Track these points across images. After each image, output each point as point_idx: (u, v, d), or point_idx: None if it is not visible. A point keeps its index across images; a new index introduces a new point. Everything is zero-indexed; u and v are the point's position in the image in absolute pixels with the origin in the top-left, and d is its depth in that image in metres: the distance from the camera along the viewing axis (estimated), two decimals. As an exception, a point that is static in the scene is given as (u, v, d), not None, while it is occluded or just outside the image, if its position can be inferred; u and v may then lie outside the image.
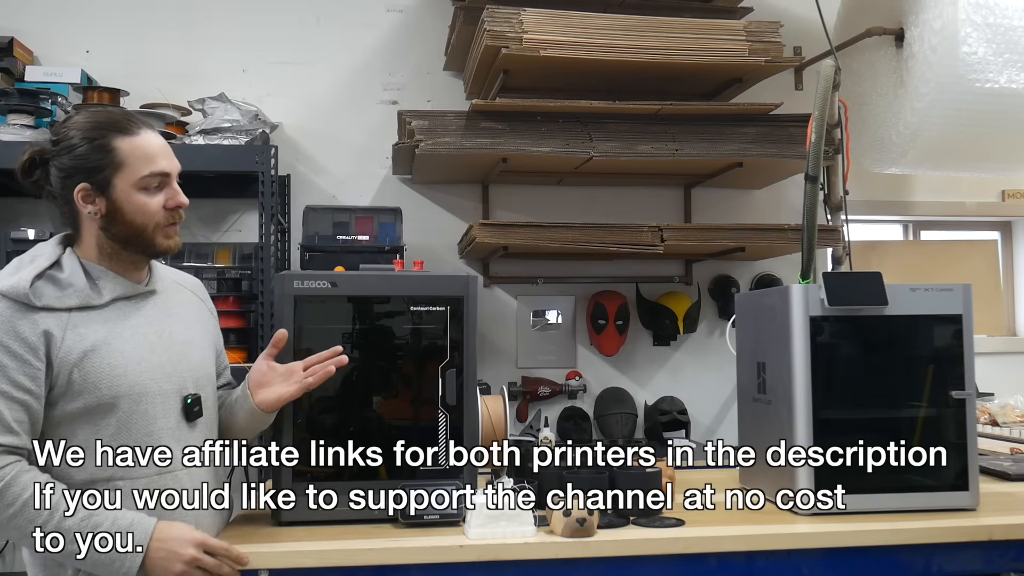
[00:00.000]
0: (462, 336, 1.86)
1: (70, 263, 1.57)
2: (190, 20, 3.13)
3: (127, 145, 1.57)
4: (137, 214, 1.58)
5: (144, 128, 1.60)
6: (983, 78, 2.69)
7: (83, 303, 1.55)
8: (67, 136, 1.57)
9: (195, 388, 1.66)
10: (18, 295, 1.50)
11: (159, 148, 1.61)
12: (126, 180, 1.56)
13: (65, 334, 1.51)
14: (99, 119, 1.59)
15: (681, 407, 3.19)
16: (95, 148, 1.56)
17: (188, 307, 1.76)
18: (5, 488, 1.44)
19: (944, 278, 3.40)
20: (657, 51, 2.68)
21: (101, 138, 1.56)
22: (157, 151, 1.60)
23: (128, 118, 1.61)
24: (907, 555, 1.75)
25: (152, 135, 1.61)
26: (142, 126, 1.60)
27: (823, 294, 1.85)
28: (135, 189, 1.57)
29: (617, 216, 3.21)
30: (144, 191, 1.58)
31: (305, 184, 3.16)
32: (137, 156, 1.57)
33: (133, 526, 1.48)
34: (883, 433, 1.84)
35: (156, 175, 1.58)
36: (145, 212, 1.58)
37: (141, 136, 1.59)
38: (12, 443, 1.47)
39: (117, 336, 1.56)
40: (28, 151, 1.59)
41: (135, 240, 1.59)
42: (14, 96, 2.70)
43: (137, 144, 1.58)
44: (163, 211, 1.60)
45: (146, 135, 1.60)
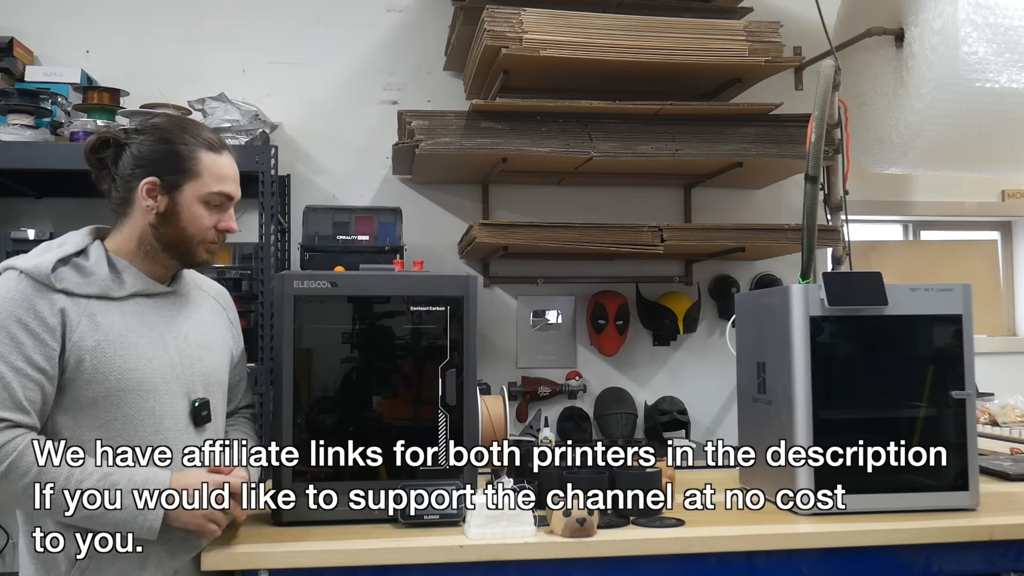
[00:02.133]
0: (462, 336, 1.86)
1: (96, 253, 1.61)
2: (190, 20, 3.13)
3: (208, 159, 1.64)
4: (191, 223, 1.64)
5: (227, 152, 1.69)
6: (983, 78, 2.69)
7: (102, 293, 1.57)
8: (153, 130, 1.64)
9: (204, 393, 1.67)
10: (39, 275, 1.52)
11: (233, 173, 1.69)
12: (195, 189, 1.63)
13: (81, 320, 1.53)
14: (189, 127, 1.68)
15: (681, 407, 3.19)
16: (179, 151, 1.62)
17: (208, 313, 1.77)
18: (19, 458, 1.45)
19: (944, 278, 3.40)
20: (657, 51, 2.68)
21: (187, 144, 1.63)
22: (231, 175, 1.68)
23: (220, 140, 1.70)
24: (907, 555, 1.75)
25: (231, 160, 1.70)
26: (227, 149, 1.69)
27: (823, 294, 1.85)
28: (199, 201, 1.64)
29: (617, 216, 3.21)
30: (205, 205, 1.65)
31: (305, 184, 3.16)
32: (213, 172, 1.65)
33: (148, 481, 1.51)
34: (883, 433, 1.85)
35: (222, 195, 1.66)
36: (198, 224, 1.64)
37: (223, 157, 1.67)
38: (23, 421, 1.48)
39: (132, 331, 1.58)
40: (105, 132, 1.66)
41: (179, 247, 1.65)
42: (14, 96, 2.70)
43: (217, 162, 1.66)
44: (213, 230, 1.66)
45: (227, 157, 1.69)
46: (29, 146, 2.62)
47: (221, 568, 1.60)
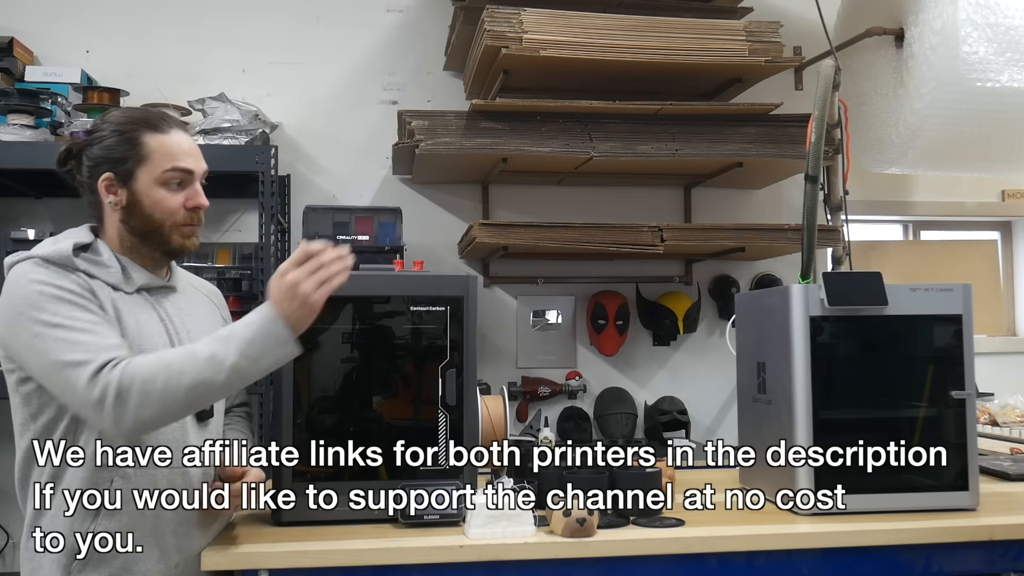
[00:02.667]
0: (462, 336, 1.86)
1: (104, 248, 1.61)
2: (190, 20, 3.13)
3: (154, 141, 1.60)
4: (155, 209, 1.60)
5: (175, 128, 1.65)
6: (984, 77, 2.69)
7: (117, 284, 1.58)
8: (100, 128, 1.62)
9: None
10: (61, 259, 1.53)
11: (186, 147, 1.64)
12: (148, 174, 1.60)
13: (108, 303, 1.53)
14: (133, 115, 1.65)
15: (681, 407, 3.19)
16: (123, 140, 1.60)
17: (203, 309, 1.78)
18: (161, 368, 1.43)
19: (944, 278, 3.40)
20: (657, 51, 2.68)
21: (131, 132, 1.60)
22: (183, 150, 1.63)
23: (162, 117, 1.65)
24: (907, 555, 1.75)
25: (182, 135, 1.65)
26: (174, 126, 1.65)
27: (823, 294, 1.85)
28: (156, 184, 1.60)
29: (617, 216, 3.21)
30: (164, 187, 1.60)
31: (305, 184, 3.16)
32: (162, 152, 1.60)
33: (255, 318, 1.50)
34: (883, 433, 1.85)
35: (178, 171, 1.61)
36: (163, 208, 1.61)
37: (170, 135, 1.62)
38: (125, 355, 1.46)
39: (146, 323, 1.59)
40: (67, 143, 1.66)
41: (152, 235, 1.62)
42: (14, 96, 2.70)
43: (164, 141, 1.61)
44: (182, 210, 1.62)
45: (175, 134, 1.64)
46: (29, 146, 2.63)
47: (221, 568, 1.60)
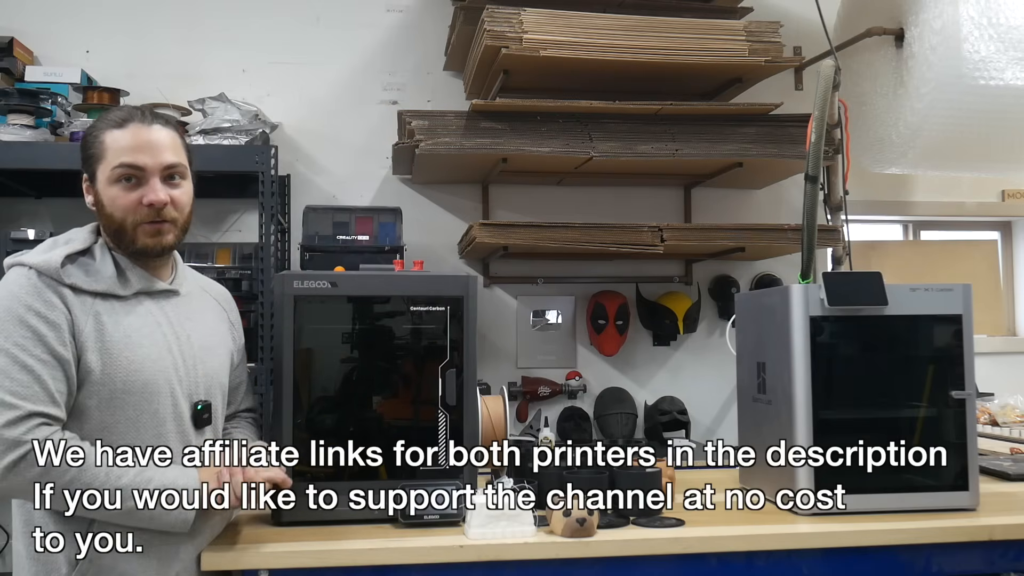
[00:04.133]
0: (462, 336, 1.86)
1: (101, 251, 1.60)
2: (190, 20, 3.13)
3: (110, 137, 1.57)
4: (113, 207, 1.58)
5: (136, 122, 1.58)
6: (987, 76, 2.68)
7: (109, 290, 1.57)
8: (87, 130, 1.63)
9: (206, 395, 1.66)
10: (49, 270, 1.52)
11: (141, 142, 1.56)
12: (104, 172, 1.58)
13: (88, 319, 1.53)
14: (108, 114, 1.62)
15: (681, 407, 3.19)
16: (91, 140, 1.59)
17: (210, 313, 1.77)
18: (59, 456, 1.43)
19: (944, 278, 3.40)
20: (657, 51, 2.68)
21: (97, 131, 1.59)
22: (136, 144, 1.56)
23: (128, 113, 1.60)
24: (907, 555, 1.75)
25: (141, 129, 1.57)
26: (136, 120, 1.58)
27: (823, 294, 1.85)
28: (108, 182, 1.57)
29: (617, 216, 3.21)
30: (116, 184, 1.57)
31: (305, 184, 3.16)
32: (114, 148, 1.56)
33: (177, 481, 1.52)
34: (883, 433, 1.85)
35: (124, 167, 1.56)
36: (118, 206, 1.57)
37: (126, 129, 1.57)
38: (56, 414, 1.47)
39: (137, 331, 1.57)
40: None
41: (119, 236, 1.60)
42: (14, 96, 2.70)
43: (117, 136, 1.57)
44: (141, 208, 1.57)
45: (133, 128, 1.57)
46: (29, 146, 2.63)
47: (221, 568, 1.60)
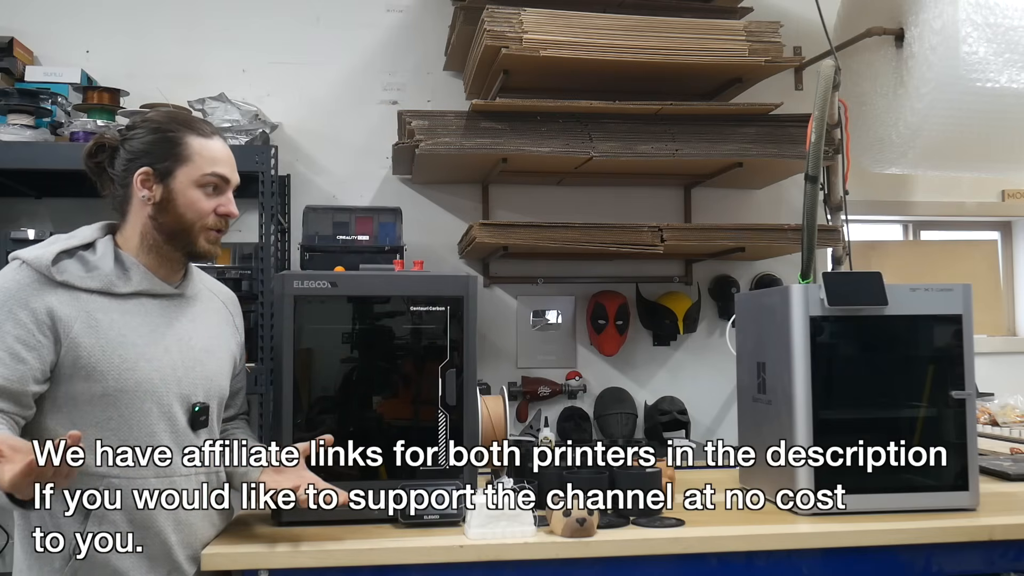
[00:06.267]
0: (462, 336, 1.86)
1: (104, 247, 1.61)
2: (190, 20, 3.13)
3: (197, 144, 1.64)
4: (188, 209, 1.62)
5: (217, 136, 1.68)
6: (983, 78, 2.69)
7: (105, 287, 1.57)
8: (146, 122, 1.65)
9: (204, 397, 1.66)
10: (39, 266, 1.52)
11: (226, 156, 1.68)
12: (188, 174, 1.62)
13: (78, 316, 1.52)
14: (178, 116, 1.68)
15: (681, 407, 3.19)
16: (166, 139, 1.62)
17: (214, 316, 1.77)
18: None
19: (944, 278, 3.40)
20: (657, 51, 2.68)
21: (175, 131, 1.63)
22: (223, 157, 1.67)
23: (205, 123, 1.69)
24: (907, 555, 1.75)
25: (222, 143, 1.69)
26: (216, 134, 1.68)
27: (823, 294, 1.85)
28: (193, 185, 1.62)
29: (617, 216, 3.21)
30: (201, 188, 1.63)
31: (305, 184, 3.16)
32: (204, 155, 1.64)
33: None
34: (883, 433, 1.85)
35: (217, 176, 1.65)
36: (196, 209, 1.63)
37: (212, 140, 1.66)
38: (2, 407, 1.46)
39: (132, 330, 1.57)
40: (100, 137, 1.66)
41: (179, 235, 1.63)
42: (14, 96, 2.70)
43: (206, 145, 1.65)
44: (213, 215, 1.65)
45: (216, 141, 1.67)
46: (29, 146, 2.62)
47: (221, 568, 1.61)
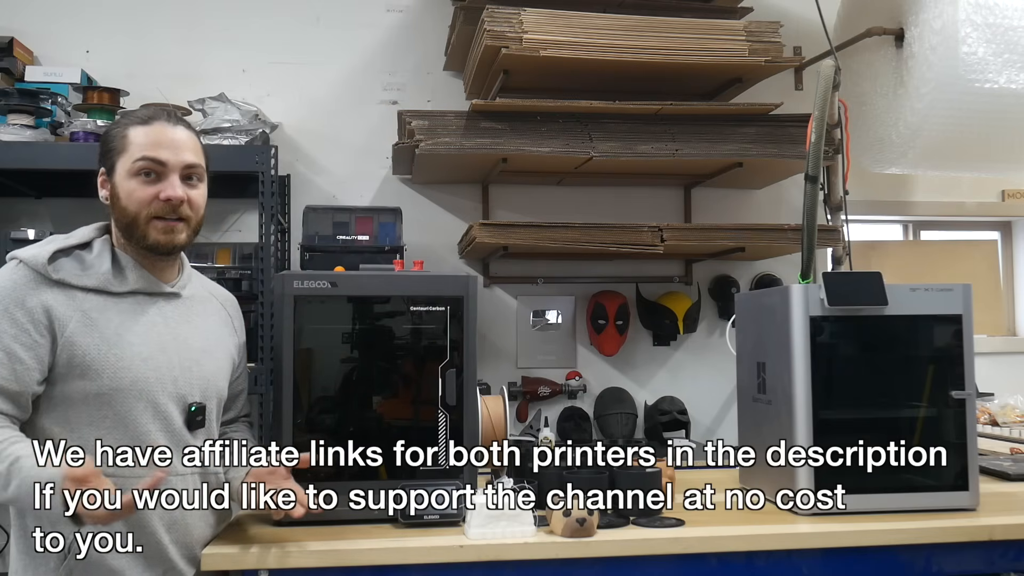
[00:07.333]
0: (462, 336, 1.86)
1: (100, 247, 1.60)
2: (190, 20, 3.13)
3: (133, 132, 1.59)
4: (129, 200, 1.58)
5: (162, 121, 1.61)
6: (983, 78, 2.69)
7: (100, 286, 1.56)
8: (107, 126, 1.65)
9: (201, 398, 1.66)
10: (36, 265, 1.52)
11: (166, 139, 1.59)
12: (123, 165, 1.59)
13: (73, 315, 1.52)
14: (129, 112, 1.67)
15: (681, 407, 3.19)
16: (110, 135, 1.62)
17: (213, 317, 1.77)
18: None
19: (944, 278, 3.40)
20: (657, 51, 2.68)
21: (117, 127, 1.62)
22: (160, 140, 1.58)
23: (154, 112, 1.63)
24: (907, 555, 1.75)
25: (166, 127, 1.60)
26: (162, 119, 1.61)
27: (823, 294, 1.85)
28: (128, 174, 1.58)
29: (617, 216, 3.21)
30: (135, 177, 1.58)
31: (305, 184, 3.16)
32: (139, 142, 1.58)
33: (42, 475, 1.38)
34: (883, 433, 1.85)
35: (148, 160, 1.57)
36: (134, 199, 1.58)
37: (151, 126, 1.60)
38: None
39: (129, 330, 1.57)
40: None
41: (130, 229, 1.60)
42: (14, 96, 2.70)
43: (144, 131, 1.59)
44: (157, 202, 1.58)
45: (158, 126, 1.60)
46: (29, 146, 2.63)
47: (221, 568, 1.61)
